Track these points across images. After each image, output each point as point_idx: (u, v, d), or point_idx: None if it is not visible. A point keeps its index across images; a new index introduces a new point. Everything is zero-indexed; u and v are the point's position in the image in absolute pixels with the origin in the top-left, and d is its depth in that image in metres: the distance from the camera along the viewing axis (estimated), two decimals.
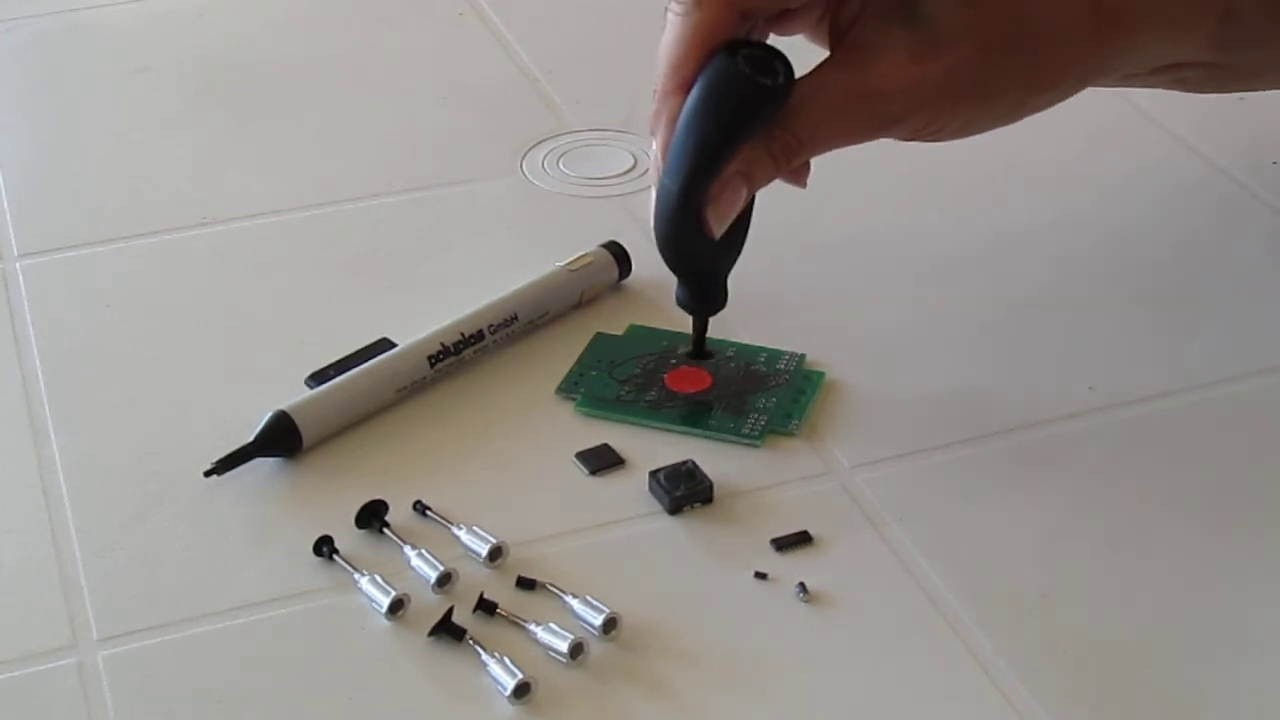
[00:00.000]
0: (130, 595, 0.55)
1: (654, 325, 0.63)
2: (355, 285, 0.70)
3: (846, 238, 0.72)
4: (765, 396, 0.62)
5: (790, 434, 0.61)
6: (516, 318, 0.65)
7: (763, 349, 0.64)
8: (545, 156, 0.78)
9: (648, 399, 0.62)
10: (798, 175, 0.59)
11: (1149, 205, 0.74)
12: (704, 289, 0.61)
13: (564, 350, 0.65)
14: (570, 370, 0.64)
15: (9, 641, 0.54)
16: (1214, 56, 0.60)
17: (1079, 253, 0.71)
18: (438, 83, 0.85)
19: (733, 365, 0.63)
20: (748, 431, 0.60)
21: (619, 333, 0.66)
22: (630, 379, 0.63)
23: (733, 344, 0.64)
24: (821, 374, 0.63)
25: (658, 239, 0.59)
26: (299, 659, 0.53)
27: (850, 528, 0.57)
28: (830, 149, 0.58)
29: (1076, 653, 0.53)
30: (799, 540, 0.57)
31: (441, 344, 0.63)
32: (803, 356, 0.64)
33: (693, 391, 0.62)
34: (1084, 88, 0.59)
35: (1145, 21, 0.58)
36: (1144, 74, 0.61)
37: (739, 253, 0.60)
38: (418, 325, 0.64)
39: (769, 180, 0.58)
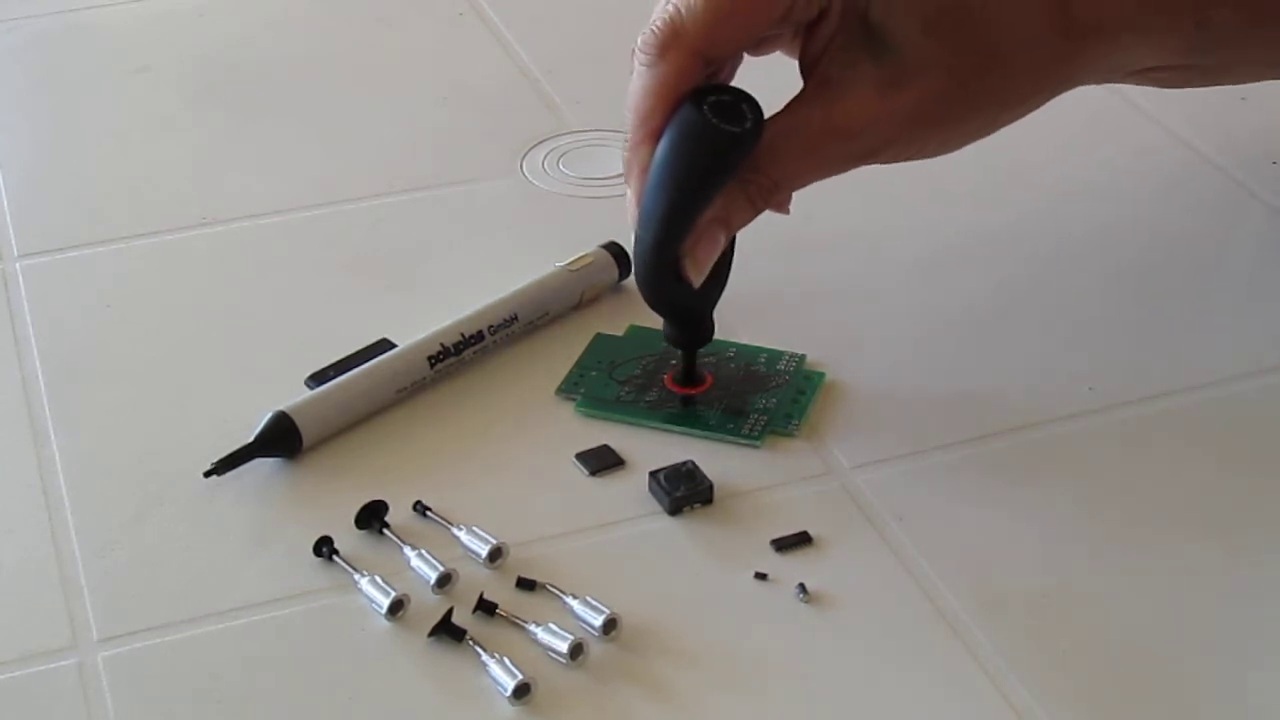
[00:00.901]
0: (130, 595, 0.55)
1: (654, 326, 0.63)
2: (355, 285, 0.70)
3: (846, 238, 0.72)
4: (765, 397, 0.62)
5: (790, 435, 0.61)
6: (516, 318, 0.65)
7: (763, 349, 0.64)
8: (545, 156, 0.78)
9: (647, 399, 0.62)
10: (779, 205, 0.59)
11: (1148, 204, 0.74)
12: (690, 326, 0.61)
13: (564, 350, 0.65)
14: (570, 371, 0.64)
15: (9, 641, 0.54)
16: (1188, 60, 0.59)
17: (1078, 252, 0.71)
18: (438, 83, 0.85)
19: (733, 365, 0.63)
20: (747, 432, 0.60)
21: (619, 333, 0.66)
22: (630, 379, 0.63)
23: (733, 344, 0.64)
24: (822, 374, 0.63)
25: (639, 287, 0.60)
26: (299, 659, 0.53)
27: (850, 528, 0.57)
28: (808, 183, 0.58)
29: (1076, 653, 0.53)
30: (799, 540, 0.57)
31: (441, 344, 0.63)
32: (803, 357, 0.64)
33: (692, 392, 0.62)
34: (1057, 95, 0.59)
35: (1118, 33, 0.57)
36: (1117, 78, 0.60)
37: (723, 289, 0.60)
38: (418, 325, 0.64)
39: (747, 222, 0.58)
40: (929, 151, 0.59)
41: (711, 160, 0.56)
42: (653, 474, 0.58)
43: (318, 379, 0.63)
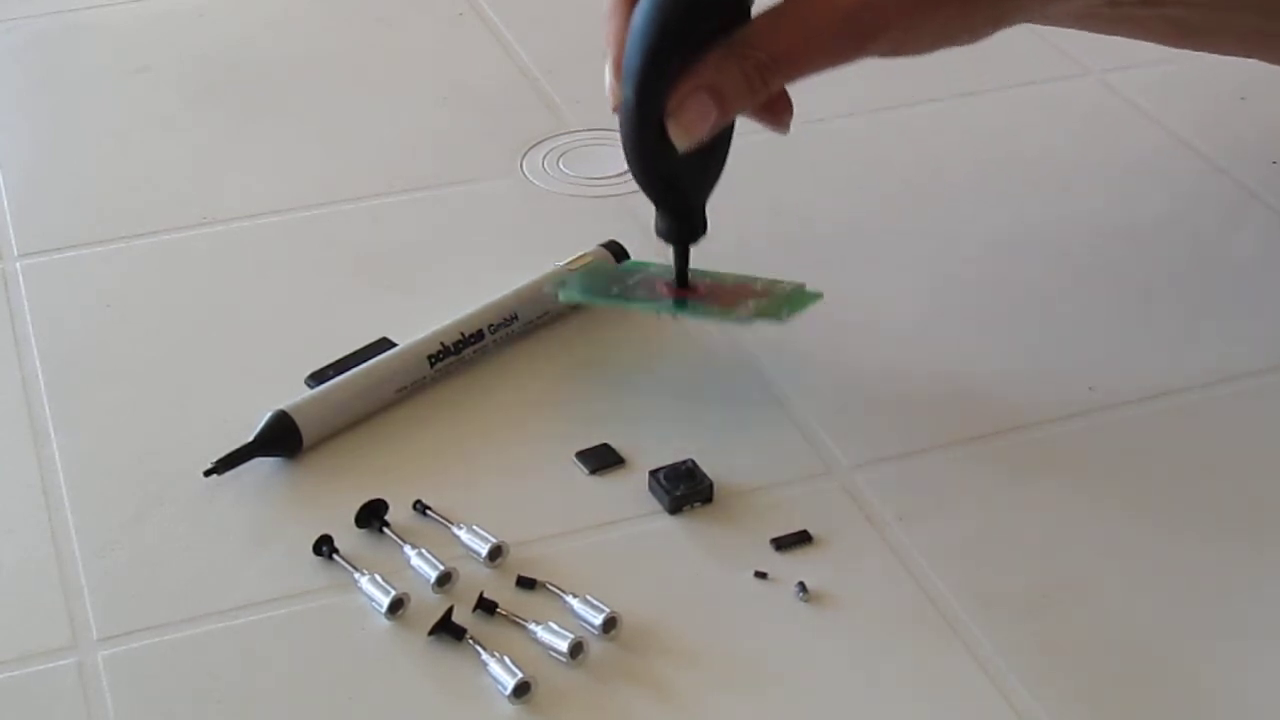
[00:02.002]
0: (130, 595, 0.55)
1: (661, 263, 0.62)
2: (355, 285, 0.70)
3: (846, 238, 0.72)
4: (758, 297, 0.61)
5: (780, 320, 0.59)
6: (516, 318, 0.65)
7: (760, 277, 0.63)
8: (545, 156, 0.78)
9: (636, 295, 0.61)
10: (777, 116, 0.59)
11: (1149, 205, 0.74)
12: (681, 215, 0.60)
13: (564, 350, 0.65)
14: (565, 277, 0.63)
15: (9, 641, 0.54)
16: None
17: (1079, 252, 0.71)
18: (438, 83, 0.85)
19: (729, 283, 0.62)
20: (737, 315, 0.59)
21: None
22: (622, 282, 0.62)
23: (731, 275, 0.63)
24: (819, 294, 0.62)
25: (626, 159, 0.58)
26: (299, 658, 0.53)
27: (850, 528, 0.57)
28: (804, 72, 0.57)
29: (1076, 653, 0.53)
30: (799, 540, 0.57)
31: (441, 344, 0.63)
32: (802, 285, 0.62)
33: (685, 293, 0.61)
34: (1051, 8, 0.58)
35: None
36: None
37: (716, 178, 0.59)
38: (418, 325, 0.64)
39: (743, 101, 0.56)
40: (924, 41, 0.57)
41: (689, 12, 0.55)
42: (653, 473, 0.58)
43: (318, 378, 0.63)
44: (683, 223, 0.60)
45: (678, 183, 0.59)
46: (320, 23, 0.91)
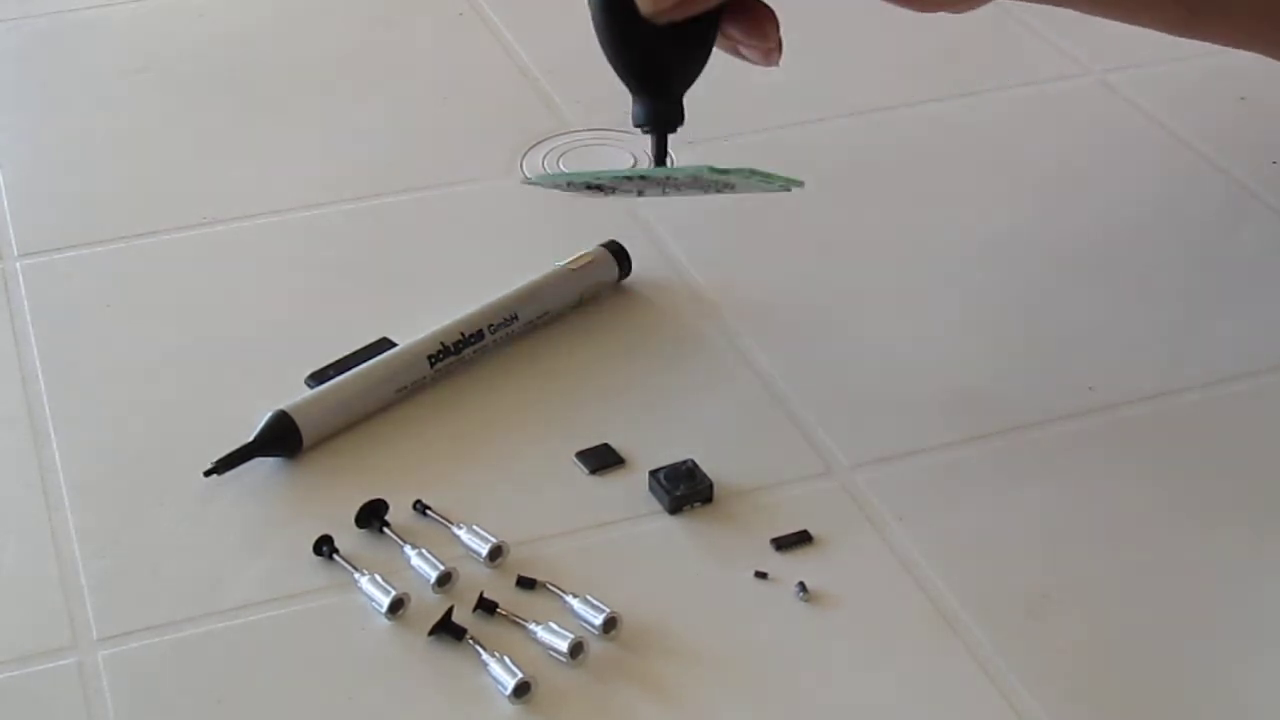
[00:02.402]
0: (130, 595, 0.55)
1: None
2: (355, 285, 0.70)
3: (846, 238, 0.72)
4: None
5: (729, 174, 0.56)
6: (516, 317, 0.65)
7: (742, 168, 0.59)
8: (545, 156, 0.78)
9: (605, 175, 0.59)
10: (763, 32, 0.57)
11: (1149, 205, 0.74)
12: (657, 100, 0.57)
13: (564, 350, 0.65)
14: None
15: (9, 641, 0.54)
16: None
17: (1079, 252, 0.71)
18: (438, 83, 0.85)
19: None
20: (700, 166, 0.56)
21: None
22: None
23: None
24: (800, 181, 0.57)
25: (596, 31, 0.57)
26: (299, 659, 0.53)
27: (850, 528, 0.57)
28: None
29: (1076, 653, 0.53)
30: (799, 540, 0.57)
31: (441, 344, 0.63)
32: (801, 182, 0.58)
33: None
34: None
35: None
36: None
37: (695, 72, 0.57)
38: (418, 325, 0.64)
39: None
40: None
41: None
42: (653, 473, 0.58)
43: (318, 379, 0.63)
44: (660, 109, 0.57)
45: (652, 63, 0.57)
46: (320, 22, 0.91)
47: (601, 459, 0.60)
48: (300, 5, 0.93)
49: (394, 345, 0.64)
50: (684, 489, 0.58)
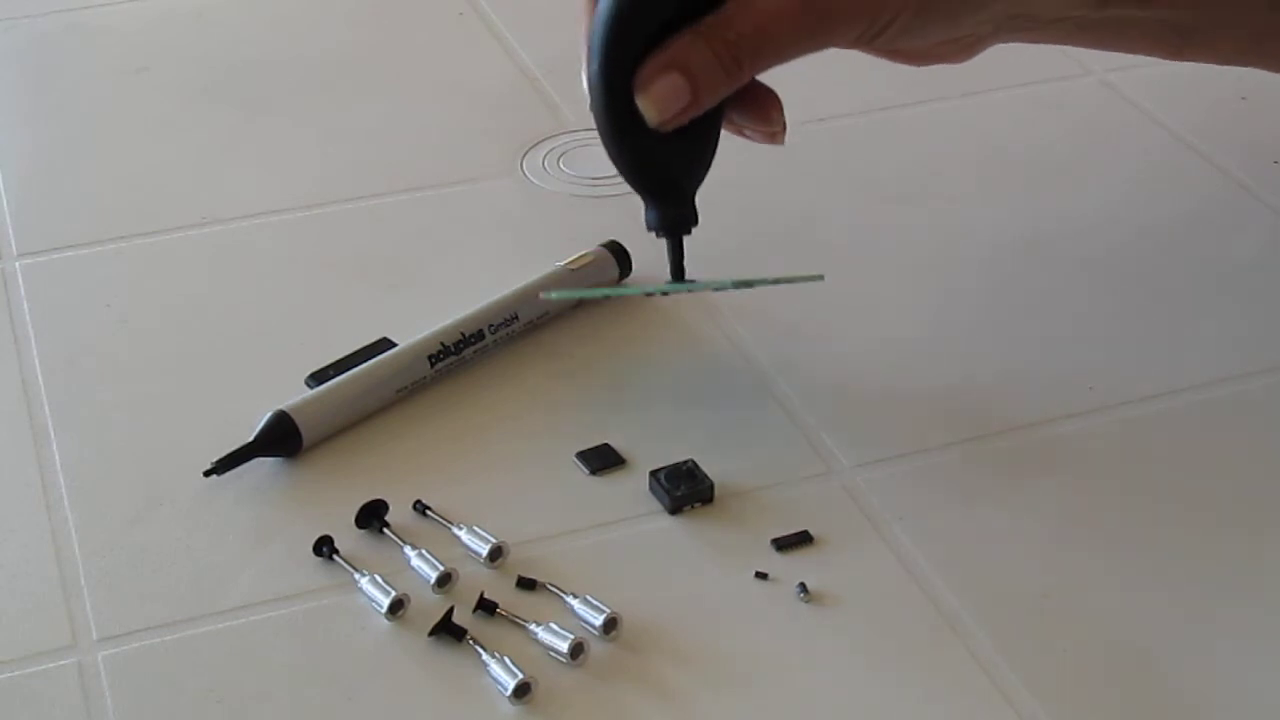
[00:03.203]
0: (130, 595, 0.55)
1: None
2: (355, 285, 0.70)
3: (846, 237, 0.72)
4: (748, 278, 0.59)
5: (766, 283, 0.58)
6: (516, 317, 0.65)
7: (763, 278, 0.60)
8: (545, 156, 0.78)
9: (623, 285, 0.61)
10: (767, 116, 0.58)
11: (1149, 205, 0.74)
12: (668, 204, 0.58)
13: (565, 350, 0.65)
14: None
15: (9, 641, 0.54)
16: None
17: (1079, 253, 0.71)
18: (438, 83, 0.85)
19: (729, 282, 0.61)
20: (721, 282, 0.58)
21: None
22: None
23: (731, 279, 0.61)
24: (819, 276, 0.60)
25: (603, 141, 0.57)
26: (299, 659, 0.53)
27: (850, 528, 0.57)
28: (773, 56, 0.56)
29: (1076, 653, 0.53)
30: (799, 540, 0.57)
31: (441, 344, 0.63)
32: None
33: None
34: (1028, 5, 0.57)
35: None
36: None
37: (703, 170, 0.58)
38: (418, 325, 0.64)
39: (714, 84, 0.56)
40: (892, 33, 0.56)
41: None
42: (653, 473, 0.58)
43: (318, 379, 0.63)
44: (672, 213, 0.58)
45: (660, 169, 0.58)
46: (320, 23, 0.91)
47: (601, 459, 0.60)
48: (300, 5, 0.93)
49: (394, 345, 0.64)
50: (684, 489, 0.58)
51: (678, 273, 0.59)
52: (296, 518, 0.58)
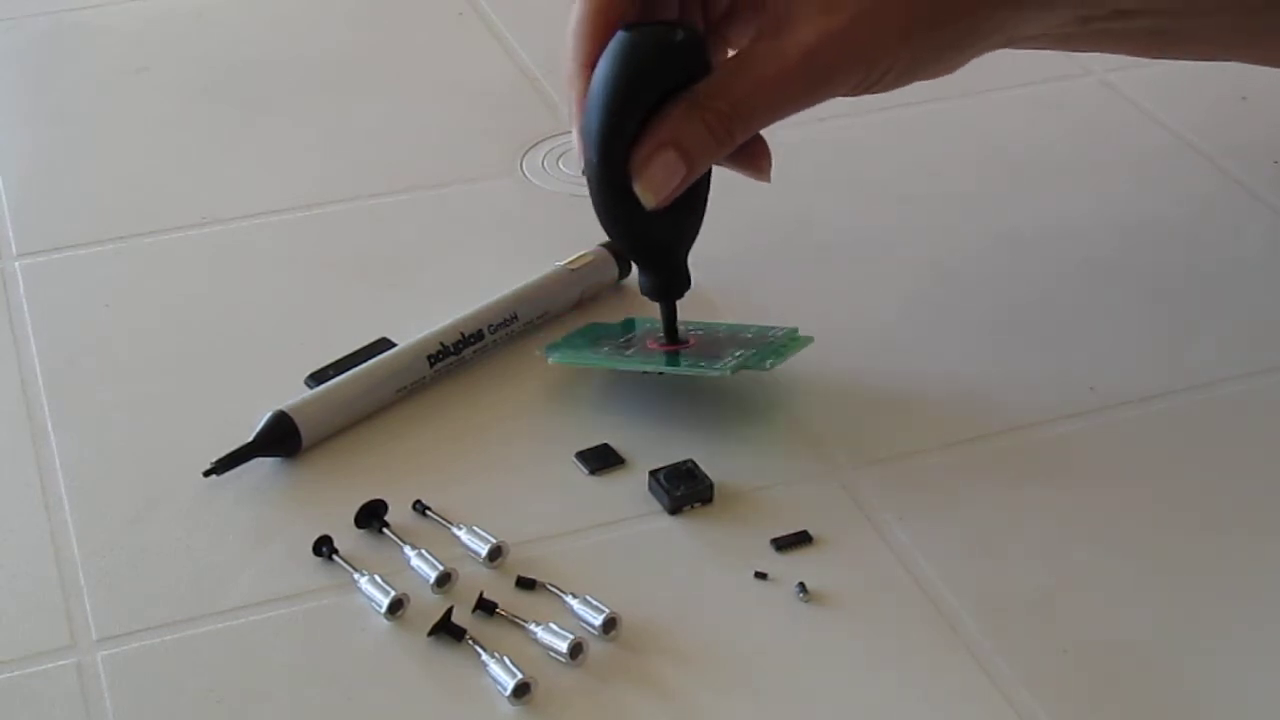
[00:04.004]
0: (130, 595, 0.55)
1: (653, 317, 0.63)
2: (355, 285, 0.70)
3: (845, 238, 0.72)
4: (745, 346, 0.61)
5: (763, 369, 0.60)
6: (516, 317, 0.65)
7: (754, 325, 0.63)
8: (545, 156, 0.78)
9: (626, 354, 0.62)
10: (757, 166, 0.59)
11: (1149, 205, 0.74)
12: (661, 271, 0.60)
13: None
14: (557, 340, 0.64)
15: (8, 641, 0.54)
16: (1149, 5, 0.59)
17: (1079, 253, 0.71)
18: (438, 83, 0.85)
19: (721, 333, 0.63)
20: (719, 366, 0.59)
21: (614, 321, 0.66)
22: (612, 342, 0.63)
23: (723, 324, 0.64)
24: (810, 339, 0.62)
25: (600, 220, 0.59)
26: (299, 659, 0.53)
27: (850, 528, 0.57)
28: (768, 118, 0.57)
29: (1076, 653, 0.53)
30: (799, 540, 0.56)
31: (441, 344, 0.63)
32: (794, 330, 0.63)
33: (674, 349, 0.62)
34: (1017, 30, 0.58)
35: None
36: (1072, 21, 0.59)
37: (694, 233, 0.59)
38: (418, 325, 0.64)
39: (709, 154, 0.56)
40: (889, 79, 0.57)
41: (641, 67, 0.56)
42: (653, 473, 0.58)
43: (318, 379, 0.63)
44: (665, 279, 0.60)
45: (654, 240, 0.59)
46: (320, 23, 0.91)
47: (601, 459, 0.60)
48: (300, 5, 0.93)
49: (394, 345, 0.64)
50: (684, 489, 0.58)
51: (670, 334, 0.61)
52: (296, 518, 0.58)
